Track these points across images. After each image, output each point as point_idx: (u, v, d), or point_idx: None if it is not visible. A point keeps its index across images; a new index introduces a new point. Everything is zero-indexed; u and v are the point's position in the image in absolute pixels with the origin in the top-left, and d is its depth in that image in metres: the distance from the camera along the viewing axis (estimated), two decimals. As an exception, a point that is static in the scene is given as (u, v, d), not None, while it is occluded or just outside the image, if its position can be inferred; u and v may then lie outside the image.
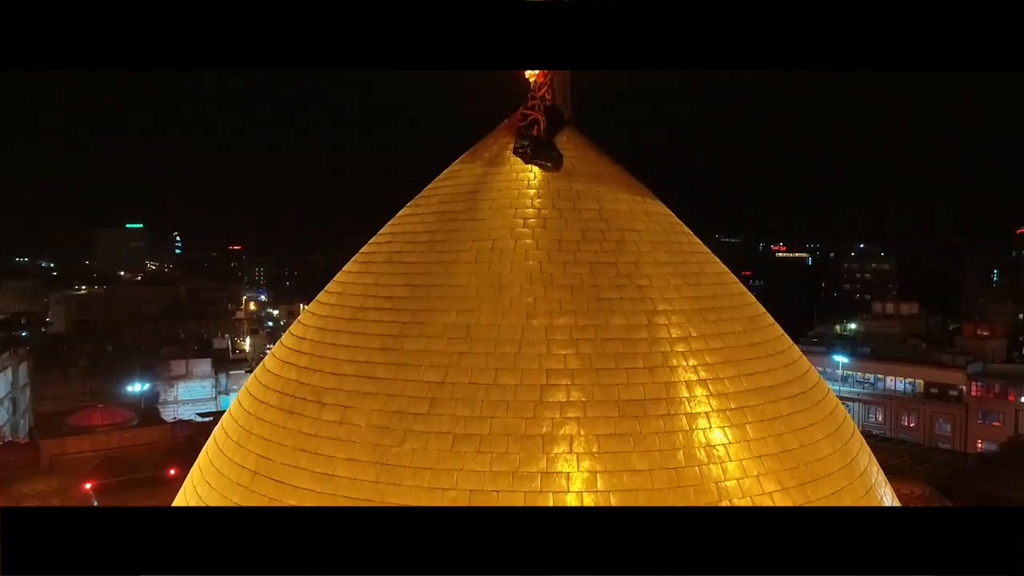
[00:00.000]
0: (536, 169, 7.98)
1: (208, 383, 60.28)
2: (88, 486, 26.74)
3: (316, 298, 8.46)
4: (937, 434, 56.43)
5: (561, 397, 6.28)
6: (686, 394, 6.56)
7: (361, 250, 8.53)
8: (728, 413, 6.56)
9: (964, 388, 55.57)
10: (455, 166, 8.63)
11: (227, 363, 68.22)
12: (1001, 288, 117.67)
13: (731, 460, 6.27)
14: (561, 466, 5.97)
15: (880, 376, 60.35)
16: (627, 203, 8.01)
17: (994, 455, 39.51)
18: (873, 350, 62.35)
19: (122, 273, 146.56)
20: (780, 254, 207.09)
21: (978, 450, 52.52)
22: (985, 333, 59.05)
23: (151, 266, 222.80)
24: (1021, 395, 53.12)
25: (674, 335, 6.91)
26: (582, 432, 6.12)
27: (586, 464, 6.00)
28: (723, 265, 8.39)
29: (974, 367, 55.86)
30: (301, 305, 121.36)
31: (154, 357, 62.58)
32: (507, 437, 6.08)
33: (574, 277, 7.05)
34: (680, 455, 6.16)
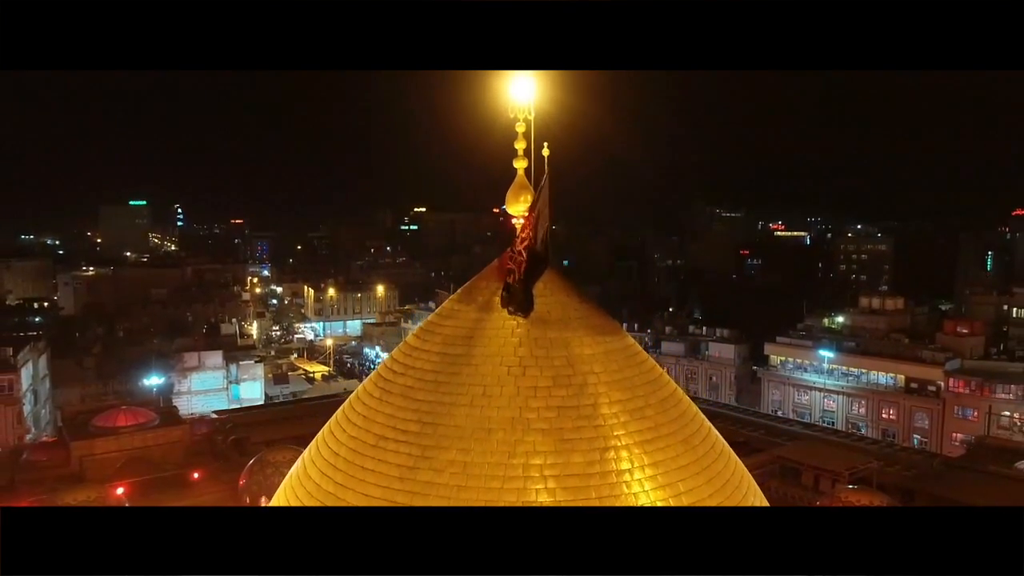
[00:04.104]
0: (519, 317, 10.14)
1: (219, 374, 62.88)
2: (120, 491, 29.30)
3: (344, 412, 10.67)
4: (916, 427, 59.17)
5: (532, 525, 8.54)
6: (626, 517, 8.81)
7: (380, 372, 10.72)
8: (657, 532, 8.82)
9: (942, 384, 58.18)
10: (456, 305, 10.76)
11: (236, 350, 70.89)
12: (993, 274, 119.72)
13: None
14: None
15: (864, 370, 62.94)
16: (590, 346, 10.17)
17: (960, 457, 41.98)
18: (857, 345, 64.85)
19: (128, 254, 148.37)
20: (779, 233, 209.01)
21: (953, 441, 55.17)
22: (964, 331, 61.44)
23: (153, 238, 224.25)
24: (996, 391, 55.70)
25: (620, 468, 9.14)
26: (547, 554, 8.39)
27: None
28: (672, 386, 10.58)
29: (951, 364, 58.39)
30: (306, 287, 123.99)
31: (166, 345, 65.12)
32: (492, 558, 8.34)
33: (545, 421, 9.27)
34: None
